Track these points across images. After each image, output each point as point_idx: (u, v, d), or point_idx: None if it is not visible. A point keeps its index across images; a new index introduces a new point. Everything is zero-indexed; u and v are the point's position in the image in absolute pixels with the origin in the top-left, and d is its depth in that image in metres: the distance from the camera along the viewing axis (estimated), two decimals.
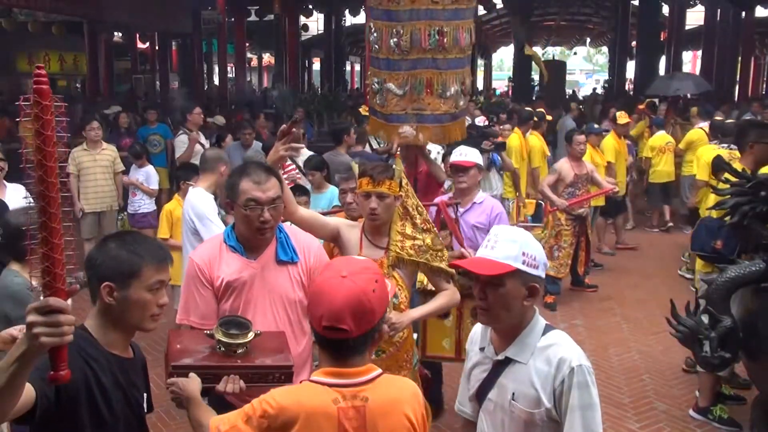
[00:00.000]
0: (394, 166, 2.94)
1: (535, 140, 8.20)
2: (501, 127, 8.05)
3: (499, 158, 6.98)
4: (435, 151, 6.11)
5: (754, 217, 3.43)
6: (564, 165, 6.49)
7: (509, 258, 1.78)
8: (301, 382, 1.79)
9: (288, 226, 2.67)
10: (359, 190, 2.94)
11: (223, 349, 2.07)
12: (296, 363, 2.44)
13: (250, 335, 2.11)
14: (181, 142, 7.70)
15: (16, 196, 4.19)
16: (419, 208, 2.98)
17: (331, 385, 1.64)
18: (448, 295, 2.99)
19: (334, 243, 3.06)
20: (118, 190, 7.06)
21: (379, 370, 1.72)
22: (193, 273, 2.47)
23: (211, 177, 4.26)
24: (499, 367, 1.88)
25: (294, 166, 5.76)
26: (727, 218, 3.57)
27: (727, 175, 3.64)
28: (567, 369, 1.76)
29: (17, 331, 2.51)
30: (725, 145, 6.00)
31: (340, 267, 1.69)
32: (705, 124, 8.51)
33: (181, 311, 2.49)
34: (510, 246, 1.79)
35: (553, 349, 1.81)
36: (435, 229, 3.04)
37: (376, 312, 1.65)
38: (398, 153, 3.90)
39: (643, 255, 8.20)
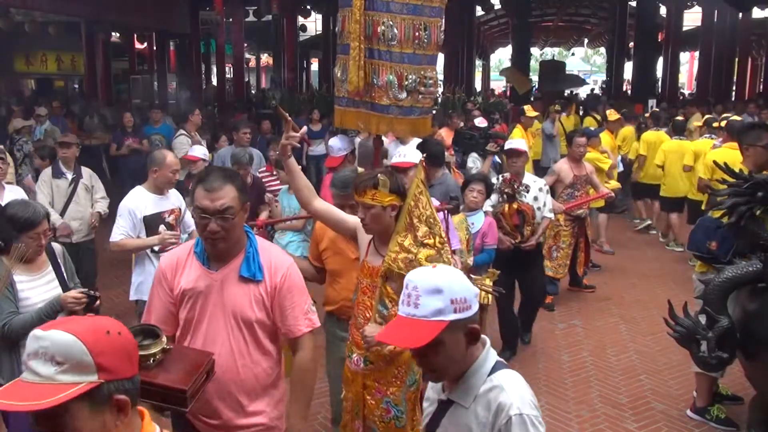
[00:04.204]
0: (379, 176, 2.74)
1: (517, 133, 8.88)
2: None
3: (499, 160, 6.98)
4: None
5: (751, 218, 3.44)
6: (563, 166, 6.49)
7: (438, 313, 1.59)
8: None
9: (264, 242, 2.50)
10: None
11: None
12: (255, 386, 2.37)
13: (154, 349, 1.98)
14: (180, 143, 7.67)
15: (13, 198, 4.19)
16: (430, 220, 2.74)
17: None
18: None
19: (353, 240, 3.00)
20: None
21: None
22: (157, 275, 2.44)
23: (149, 178, 4.37)
24: (444, 408, 1.76)
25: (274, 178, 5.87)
26: (725, 219, 3.58)
27: (724, 175, 3.65)
28: (504, 418, 1.61)
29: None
30: (709, 135, 7.69)
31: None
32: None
33: (145, 310, 2.48)
34: (435, 298, 1.60)
35: (494, 392, 1.65)
36: (441, 244, 2.73)
37: None
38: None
39: (641, 256, 8.21)
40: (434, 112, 7.43)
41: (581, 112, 13.84)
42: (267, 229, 5.60)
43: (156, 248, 4.27)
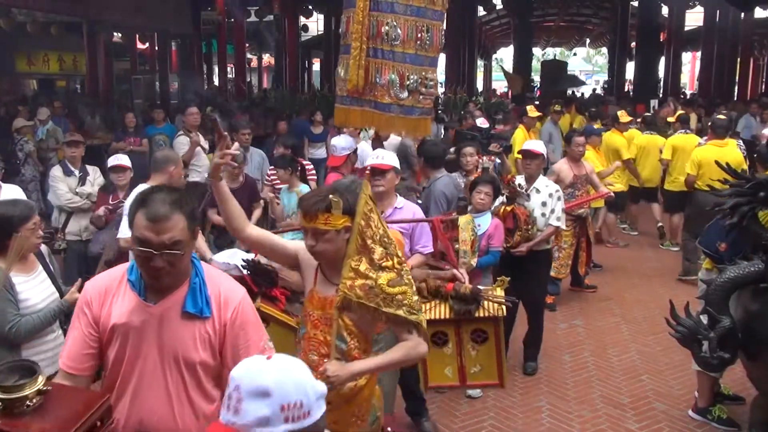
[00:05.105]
0: (331, 197, 2.40)
1: (519, 134, 8.98)
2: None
3: (499, 161, 6.97)
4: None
5: (753, 218, 3.44)
6: (563, 166, 6.49)
7: (263, 423, 1.28)
8: None
9: (212, 270, 2.16)
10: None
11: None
12: None
13: (28, 390, 1.69)
14: (180, 143, 7.64)
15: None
16: (384, 239, 2.41)
17: None
18: (406, 347, 2.41)
19: (296, 269, 2.67)
20: None
21: None
22: (79, 305, 2.07)
23: (160, 178, 4.35)
24: None
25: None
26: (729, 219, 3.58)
27: (726, 175, 3.65)
28: None
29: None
30: (683, 130, 8.28)
31: None
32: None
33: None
34: (260, 404, 1.28)
35: None
36: (400, 264, 2.42)
37: None
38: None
39: (642, 255, 8.21)
40: (439, 113, 7.51)
41: (585, 112, 13.87)
42: None
43: None
